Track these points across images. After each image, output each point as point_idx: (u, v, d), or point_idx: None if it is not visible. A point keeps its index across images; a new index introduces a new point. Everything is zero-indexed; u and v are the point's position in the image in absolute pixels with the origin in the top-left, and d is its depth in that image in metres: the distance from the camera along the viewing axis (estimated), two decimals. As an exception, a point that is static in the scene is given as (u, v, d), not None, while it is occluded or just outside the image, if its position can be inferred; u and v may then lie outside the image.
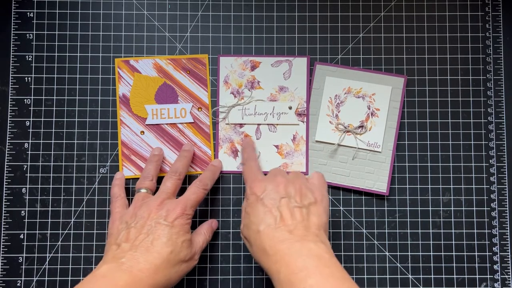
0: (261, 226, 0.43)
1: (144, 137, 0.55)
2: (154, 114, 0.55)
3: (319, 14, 0.57)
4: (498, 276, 0.54)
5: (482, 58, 0.57)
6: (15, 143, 0.55)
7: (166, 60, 0.55)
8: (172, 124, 0.55)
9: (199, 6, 0.57)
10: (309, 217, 0.43)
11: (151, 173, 0.51)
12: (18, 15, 0.56)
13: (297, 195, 0.45)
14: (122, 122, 0.55)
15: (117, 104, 0.55)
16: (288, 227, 0.42)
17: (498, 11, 0.57)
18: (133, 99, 0.55)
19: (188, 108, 0.55)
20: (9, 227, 0.54)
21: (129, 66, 0.55)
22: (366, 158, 0.55)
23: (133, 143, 0.55)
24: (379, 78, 0.55)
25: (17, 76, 0.55)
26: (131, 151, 0.55)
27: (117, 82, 0.55)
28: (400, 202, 0.55)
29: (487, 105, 0.56)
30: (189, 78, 0.55)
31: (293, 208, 0.43)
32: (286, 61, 0.55)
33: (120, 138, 0.55)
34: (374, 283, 0.54)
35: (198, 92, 0.55)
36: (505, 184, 0.56)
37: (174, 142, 0.55)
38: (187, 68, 0.55)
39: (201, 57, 0.55)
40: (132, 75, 0.55)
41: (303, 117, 0.55)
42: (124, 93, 0.55)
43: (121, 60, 0.55)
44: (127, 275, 0.41)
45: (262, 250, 0.42)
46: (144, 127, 0.55)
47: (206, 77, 0.55)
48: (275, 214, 0.43)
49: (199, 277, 0.54)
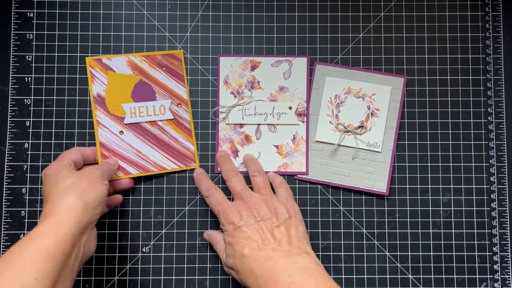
0: (245, 251, 0.44)
1: (124, 137, 0.54)
2: (133, 113, 0.54)
3: (319, 14, 0.57)
4: (498, 276, 0.54)
5: (482, 58, 0.57)
6: (15, 143, 0.55)
7: (141, 57, 0.54)
8: (151, 122, 0.54)
9: (199, 6, 0.57)
10: (289, 232, 0.46)
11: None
12: (18, 15, 0.56)
13: (273, 214, 0.47)
14: (99, 123, 0.54)
15: (92, 105, 0.54)
16: (271, 246, 0.44)
17: (498, 11, 0.57)
18: (109, 99, 0.54)
19: (167, 105, 0.54)
20: (9, 227, 0.54)
21: (101, 64, 0.54)
22: (366, 158, 0.55)
23: (112, 143, 0.54)
24: (379, 78, 0.55)
25: (17, 76, 0.55)
26: (111, 152, 0.54)
27: (90, 81, 0.54)
28: (400, 202, 0.55)
29: (487, 105, 0.56)
30: (165, 75, 0.54)
31: (272, 228, 0.46)
32: (286, 61, 0.55)
33: (98, 139, 0.54)
34: (374, 283, 0.54)
35: (175, 88, 0.55)
36: (505, 184, 0.56)
37: (155, 140, 0.54)
38: (163, 64, 0.54)
39: (176, 53, 0.55)
40: (105, 74, 0.54)
41: (303, 117, 0.55)
42: (98, 93, 0.54)
43: (92, 58, 0.54)
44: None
45: (249, 272, 0.43)
46: (123, 127, 0.54)
47: (183, 72, 0.55)
48: (257, 238, 0.45)
49: (199, 277, 0.54)
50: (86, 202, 0.43)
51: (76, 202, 0.42)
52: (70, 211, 0.42)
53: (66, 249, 0.40)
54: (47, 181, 0.46)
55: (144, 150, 0.54)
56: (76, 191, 0.43)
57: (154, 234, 0.54)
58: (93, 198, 0.44)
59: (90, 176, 0.46)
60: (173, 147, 0.54)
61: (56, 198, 0.43)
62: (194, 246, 0.54)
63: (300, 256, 0.43)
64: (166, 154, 0.54)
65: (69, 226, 0.41)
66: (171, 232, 0.55)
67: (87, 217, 0.43)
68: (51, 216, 0.41)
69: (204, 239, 0.54)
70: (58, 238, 0.39)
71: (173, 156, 0.54)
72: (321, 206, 0.55)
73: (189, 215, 0.55)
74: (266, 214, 0.47)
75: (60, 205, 0.42)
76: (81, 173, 0.46)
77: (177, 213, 0.55)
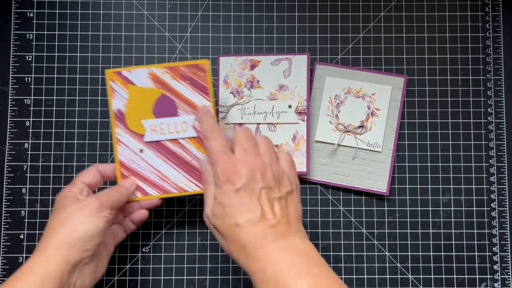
0: (239, 220, 0.39)
1: (144, 156, 0.50)
2: (153, 130, 0.49)
3: (319, 14, 0.57)
4: (498, 276, 0.54)
5: (482, 58, 0.57)
6: (15, 143, 0.55)
7: (163, 68, 0.49)
8: (173, 139, 0.50)
9: (199, 6, 0.57)
10: (288, 209, 0.41)
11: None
12: (18, 15, 0.56)
13: (276, 183, 0.41)
14: (118, 140, 0.50)
15: (112, 121, 0.49)
16: (269, 222, 0.39)
17: (498, 11, 0.57)
18: (129, 114, 0.50)
19: (189, 121, 0.49)
20: (9, 227, 0.54)
21: (121, 77, 0.49)
22: (366, 158, 0.55)
23: (131, 162, 0.50)
24: (379, 78, 0.55)
25: (17, 76, 0.55)
26: (131, 172, 0.50)
27: (110, 96, 0.49)
28: (400, 202, 0.55)
29: (487, 105, 0.56)
30: (189, 88, 0.50)
31: (273, 200, 0.40)
32: (285, 59, 0.55)
33: (117, 157, 0.50)
34: (374, 283, 0.54)
35: (199, 102, 0.50)
36: (505, 184, 0.56)
37: (176, 159, 0.50)
38: (187, 76, 0.49)
39: (201, 63, 0.49)
40: (126, 88, 0.49)
41: (303, 116, 0.55)
42: (119, 109, 0.49)
43: (112, 71, 0.49)
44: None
45: (240, 246, 0.39)
46: (143, 145, 0.50)
47: (208, 84, 0.49)
48: (255, 208, 0.39)
49: (199, 277, 0.54)
50: (75, 239, 0.41)
51: (64, 240, 0.41)
52: (56, 249, 0.40)
53: (54, 287, 0.39)
54: (54, 206, 0.45)
55: (164, 170, 0.50)
56: (67, 227, 0.42)
57: (154, 234, 0.54)
58: (83, 234, 0.42)
59: (86, 208, 0.43)
60: (195, 168, 0.50)
61: (49, 233, 0.42)
62: (194, 246, 0.54)
63: (301, 241, 0.39)
64: (188, 175, 0.50)
65: (55, 265, 0.40)
66: (171, 232, 0.55)
67: (76, 255, 0.41)
68: (39, 253, 0.41)
69: (202, 239, 0.53)
70: (44, 276, 0.39)
71: (195, 177, 0.50)
72: (321, 206, 0.55)
73: (189, 215, 0.55)
74: (270, 181, 0.41)
75: (49, 241, 0.41)
76: (79, 204, 0.44)
77: (177, 213, 0.55)
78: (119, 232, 0.50)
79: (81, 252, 0.41)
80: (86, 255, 0.42)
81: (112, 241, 0.49)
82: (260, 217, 0.39)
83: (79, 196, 0.45)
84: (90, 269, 0.43)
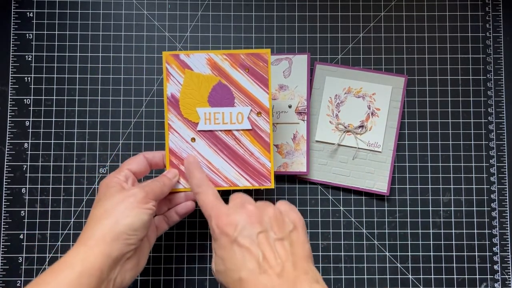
0: (242, 273, 0.36)
1: (195, 145, 0.48)
2: (207, 119, 0.47)
3: (319, 14, 0.57)
4: (498, 276, 0.54)
5: (483, 58, 0.57)
6: (15, 143, 0.55)
7: (222, 55, 0.47)
8: (227, 130, 0.48)
9: (199, 6, 0.57)
10: (294, 250, 0.38)
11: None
12: (18, 15, 0.56)
13: (274, 224, 0.38)
14: (170, 127, 0.48)
15: (165, 106, 0.47)
16: (275, 269, 0.36)
17: (498, 11, 0.57)
18: (183, 101, 0.48)
19: (246, 113, 0.48)
20: (9, 227, 0.54)
21: (179, 61, 0.47)
22: (367, 158, 0.55)
23: (182, 151, 0.48)
24: (379, 78, 0.55)
25: (17, 76, 0.55)
26: (180, 161, 0.48)
27: (165, 80, 0.47)
28: (400, 202, 0.55)
29: (488, 105, 0.56)
30: (248, 77, 0.48)
31: (274, 242, 0.37)
32: (286, 59, 0.55)
33: (167, 145, 0.48)
34: (374, 283, 0.54)
35: (257, 94, 0.48)
36: (505, 184, 0.55)
37: (229, 151, 0.48)
38: (246, 65, 0.47)
39: (263, 52, 0.47)
40: (182, 72, 0.47)
41: (303, 116, 0.55)
42: (173, 93, 0.47)
43: (170, 54, 0.47)
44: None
45: None
46: (196, 134, 0.48)
47: (268, 76, 0.48)
48: (256, 255, 0.36)
49: (199, 277, 0.54)
50: (118, 232, 0.39)
51: (107, 232, 0.39)
52: (99, 241, 0.38)
53: (92, 283, 0.37)
54: (98, 193, 0.43)
55: (215, 162, 0.48)
56: (110, 219, 0.40)
57: (154, 234, 0.54)
58: (126, 227, 0.39)
59: (130, 199, 0.41)
60: (247, 162, 0.48)
61: (92, 223, 0.40)
62: (194, 246, 0.54)
63: (310, 286, 0.36)
64: (239, 169, 0.48)
65: (96, 259, 0.37)
66: (171, 232, 0.54)
67: (118, 249, 0.39)
68: (81, 243, 0.39)
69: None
70: (83, 270, 0.37)
71: (246, 172, 0.48)
72: (321, 206, 0.55)
73: (189, 215, 0.55)
74: (266, 223, 0.38)
75: (92, 232, 0.39)
76: (124, 194, 0.41)
77: (177, 213, 0.55)
78: (162, 224, 0.48)
79: (124, 246, 0.39)
80: (129, 249, 0.40)
81: (155, 233, 0.47)
82: (263, 262, 0.36)
83: (124, 184, 0.43)
84: (131, 264, 0.41)
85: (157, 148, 0.55)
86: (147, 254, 0.45)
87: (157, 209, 0.46)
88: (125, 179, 0.44)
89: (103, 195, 0.42)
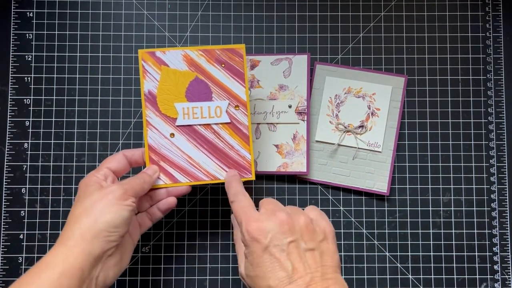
0: (271, 282, 0.36)
1: (175, 140, 0.48)
2: (186, 114, 0.48)
3: (319, 14, 0.57)
4: (498, 277, 0.54)
5: (483, 58, 0.57)
6: (15, 143, 0.55)
7: (198, 51, 0.48)
8: (206, 125, 0.48)
9: (199, 6, 0.57)
10: (323, 260, 0.38)
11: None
12: (18, 15, 0.56)
13: (305, 233, 0.39)
14: (148, 123, 0.48)
15: (142, 103, 0.48)
16: (304, 279, 0.36)
17: (498, 11, 0.57)
18: (161, 97, 0.48)
19: (224, 106, 0.48)
20: (9, 227, 0.54)
21: (155, 58, 0.48)
22: (367, 158, 0.55)
23: (162, 147, 0.48)
24: (379, 78, 0.55)
25: (17, 76, 0.55)
26: (160, 157, 0.48)
27: (142, 77, 0.48)
28: (400, 202, 0.55)
29: (488, 105, 0.56)
30: (224, 72, 0.48)
31: (304, 252, 0.38)
32: (286, 59, 0.55)
33: (146, 141, 0.48)
34: (374, 283, 0.54)
35: (234, 88, 0.48)
36: (505, 184, 0.55)
37: (209, 145, 0.48)
38: (222, 60, 0.48)
39: (238, 47, 0.48)
40: (159, 69, 0.48)
41: (303, 116, 0.55)
42: (150, 90, 0.48)
43: (145, 51, 0.48)
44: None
45: None
46: (175, 129, 0.48)
47: (244, 70, 0.48)
48: (286, 265, 0.37)
49: (199, 277, 0.54)
50: (98, 230, 0.39)
51: (86, 230, 0.39)
52: (79, 240, 0.38)
53: (73, 283, 0.37)
54: (78, 192, 0.43)
55: (196, 156, 0.48)
56: (90, 217, 0.39)
57: (154, 234, 0.54)
58: (106, 225, 0.39)
59: (108, 196, 0.41)
60: (227, 155, 0.48)
61: (71, 223, 0.40)
62: (194, 246, 0.54)
63: None
64: (220, 163, 0.48)
65: (76, 258, 0.37)
66: (171, 232, 0.54)
67: (99, 246, 0.39)
68: (61, 243, 0.39)
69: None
70: (63, 271, 0.37)
71: (227, 164, 0.49)
72: (321, 206, 0.55)
73: (189, 215, 0.55)
74: (299, 233, 0.38)
75: (72, 232, 0.39)
76: (103, 192, 0.41)
77: (177, 213, 0.55)
78: (145, 221, 0.48)
79: (105, 243, 0.39)
80: (109, 246, 0.40)
81: (138, 230, 0.47)
82: (292, 273, 0.36)
83: (103, 182, 0.43)
84: (114, 261, 0.41)
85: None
86: (130, 251, 0.45)
87: (139, 206, 0.47)
88: (104, 178, 0.44)
89: (82, 193, 0.42)
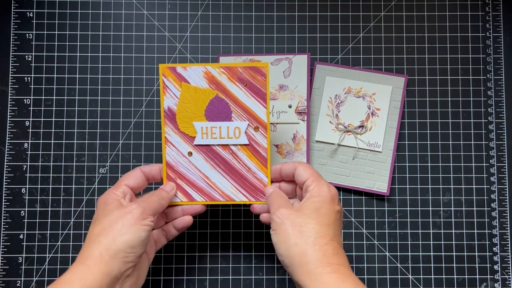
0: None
1: (192, 159, 0.48)
2: (204, 133, 0.47)
3: (319, 14, 0.57)
4: (498, 277, 0.54)
5: (483, 58, 0.57)
6: (15, 143, 0.55)
7: (219, 69, 0.47)
8: (224, 145, 0.48)
9: (199, 6, 0.57)
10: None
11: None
12: (18, 15, 0.56)
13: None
14: (167, 140, 0.48)
15: (162, 119, 0.47)
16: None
17: (498, 11, 0.57)
18: (180, 114, 0.47)
19: (243, 127, 0.47)
20: (9, 227, 0.54)
21: (175, 74, 0.47)
22: (367, 158, 0.55)
23: (179, 165, 0.48)
24: (379, 78, 0.55)
25: (17, 76, 0.55)
26: (177, 175, 0.48)
27: (162, 92, 0.47)
28: (400, 202, 0.55)
29: (488, 105, 0.56)
30: (245, 91, 0.47)
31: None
32: (286, 59, 0.55)
33: (165, 158, 0.48)
34: (374, 283, 0.54)
35: (255, 109, 0.47)
36: (505, 184, 0.55)
37: (226, 166, 0.48)
38: (244, 79, 0.47)
39: (261, 66, 0.47)
40: (179, 86, 0.47)
41: (303, 116, 0.55)
42: (169, 107, 0.47)
43: (166, 66, 0.47)
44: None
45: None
46: (192, 148, 0.48)
47: (266, 90, 0.47)
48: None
49: (199, 277, 0.54)
50: (116, 250, 0.39)
51: (104, 251, 0.38)
52: (97, 260, 0.38)
53: None
54: (96, 211, 0.43)
55: (212, 176, 0.48)
56: (108, 237, 0.39)
57: (154, 234, 0.54)
58: (124, 245, 0.39)
59: (127, 216, 0.40)
60: (244, 177, 0.48)
61: (90, 241, 0.40)
62: (194, 246, 0.54)
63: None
64: (236, 184, 0.48)
65: (94, 278, 0.37)
66: (171, 232, 0.54)
67: (117, 267, 0.39)
68: (80, 262, 0.39)
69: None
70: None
71: (243, 187, 0.48)
72: (321, 206, 0.55)
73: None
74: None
75: (90, 251, 0.39)
76: (121, 211, 0.41)
77: (177, 213, 0.55)
78: (161, 238, 0.48)
79: (122, 264, 0.39)
80: (127, 267, 0.40)
81: (153, 249, 0.47)
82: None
83: (122, 200, 0.43)
84: (131, 281, 0.41)
85: (156, 148, 0.55)
86: (146, 270, 0.45)
87: (155, 223, 0.46)
88: (123, 195, 0.43)
89: (101, 212, 0.42)
